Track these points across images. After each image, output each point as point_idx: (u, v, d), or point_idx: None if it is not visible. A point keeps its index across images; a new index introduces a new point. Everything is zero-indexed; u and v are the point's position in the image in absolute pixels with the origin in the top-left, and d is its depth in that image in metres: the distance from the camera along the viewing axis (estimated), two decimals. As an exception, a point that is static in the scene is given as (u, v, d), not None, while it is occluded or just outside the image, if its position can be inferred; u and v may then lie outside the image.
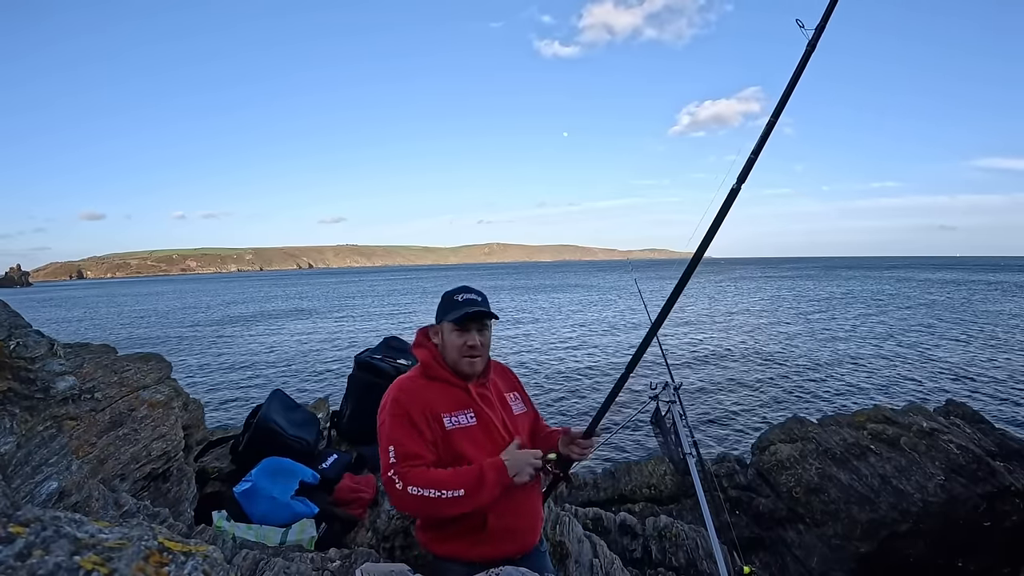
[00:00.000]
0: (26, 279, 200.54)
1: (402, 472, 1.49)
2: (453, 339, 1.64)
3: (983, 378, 12.76)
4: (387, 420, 1.57)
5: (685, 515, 4.26)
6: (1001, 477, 3.80)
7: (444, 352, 1.67)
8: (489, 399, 1.69)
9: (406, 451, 1.52)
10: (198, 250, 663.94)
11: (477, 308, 1.62)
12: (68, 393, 1.84)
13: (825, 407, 10.51)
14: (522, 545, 1.68)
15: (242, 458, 3.00)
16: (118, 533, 0.73)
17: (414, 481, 1.47)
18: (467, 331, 1.63)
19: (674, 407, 2.35)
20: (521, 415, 1.79)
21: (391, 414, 1.57)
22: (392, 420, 1.56)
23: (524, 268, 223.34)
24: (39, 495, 1.59)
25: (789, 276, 76.81)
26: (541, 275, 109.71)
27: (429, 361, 1.68)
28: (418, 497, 1.46)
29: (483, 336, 1.66)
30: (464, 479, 1.50)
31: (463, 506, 1.49)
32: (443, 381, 1.65)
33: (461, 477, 1.50)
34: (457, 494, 1.47)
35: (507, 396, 1.78)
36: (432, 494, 1.46)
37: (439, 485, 1.47)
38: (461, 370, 1.65)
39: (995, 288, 44.27)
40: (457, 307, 1.63)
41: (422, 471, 1.50)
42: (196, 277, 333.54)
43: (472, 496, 1.48)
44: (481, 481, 1.50)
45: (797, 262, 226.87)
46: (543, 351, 17.65)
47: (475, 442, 1.60)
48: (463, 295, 1.66)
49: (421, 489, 1.46)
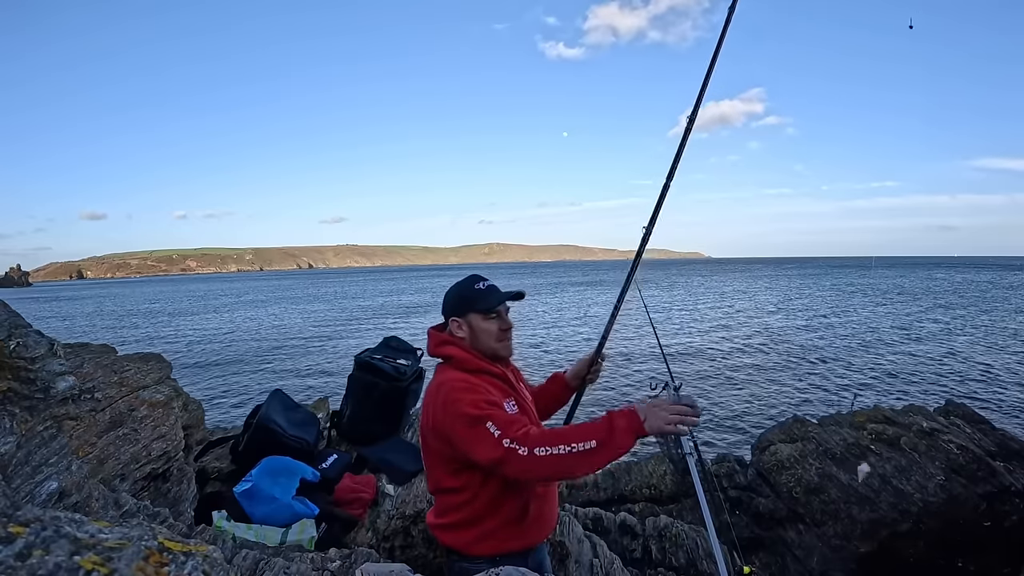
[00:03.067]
0: (26, 279, 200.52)
1: (519, 436, 1.36)
2: (488, 326, 1.62)
3: (983, 378, 12.76)
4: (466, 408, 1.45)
5: (685, 515, 4.26)
6: (1001, 477, 3.80)
7: (475, 342, 1.63)
8: (520, 387, 1.72)
9: (506, 419, 1.42)
10: (198, 250, 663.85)
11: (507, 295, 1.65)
12: (68, 393, 1.84)
13: (825, 407, 10.51)
14: (549, 529, 1.70)
15: (242, 458, 3.00)
16: (118, 533, 0.73)
17: (539, 442, 1.34)
18: (499, 316, 1.64)
19: (674, 407, 2.35)
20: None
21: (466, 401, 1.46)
22: (472, 406, 1.45)
23: (523, 268, 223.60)
24: (39, 495, 1.59)
25: (789, 276, 76.84)
26: (541, 275, 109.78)
27: (465, 355, 1.61)
28: (550, 457, 1.33)
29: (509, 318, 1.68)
30: (592, 430, 1.36)
31: (598, 459, 1.34)
32: (485, 373, 1.61)
33: (588, 428, 1.37)
34: (590, 446, 1.33)
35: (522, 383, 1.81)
36: (564, 450, 1.32)
37: (568, 440, 1.34)
38: (500, 355, 1.65)
39: (995, 288, 44.26)
40: (483, 295, 1.63)
41: (541, 431, 1.39)
42: (196, 277, 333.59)
43: (606, 446, 1.33)
44: (611, 429, 1.35)
45: (797, 262, 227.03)
46: (541, 346, 17.67)
47: None
48: (482, 283, 1.66)
49: (550, 448, 1.33)
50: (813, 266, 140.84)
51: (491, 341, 1.62)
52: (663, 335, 15.39)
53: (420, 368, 3.56)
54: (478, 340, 1.63)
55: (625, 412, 1.39)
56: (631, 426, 1.36)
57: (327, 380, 14.21)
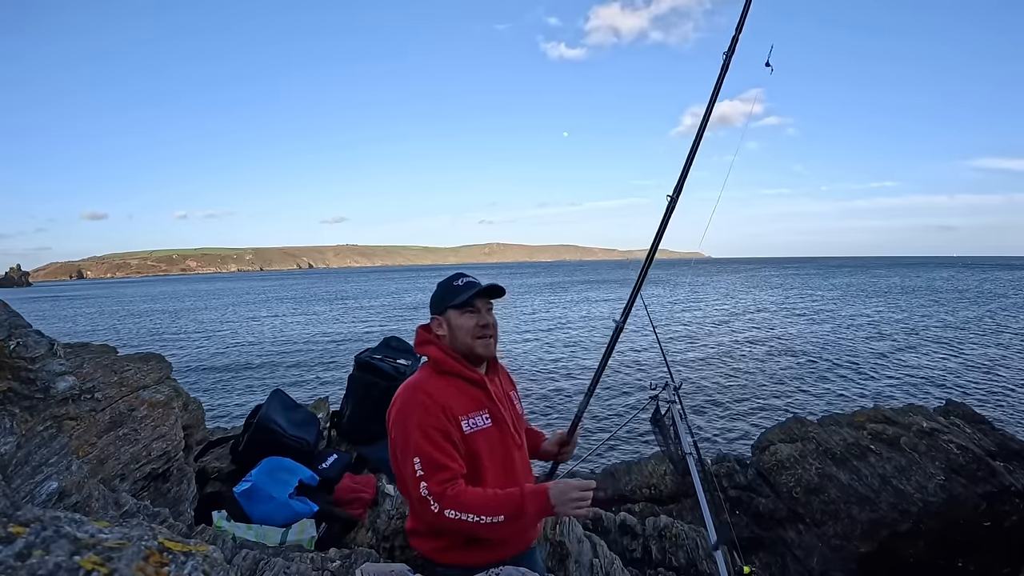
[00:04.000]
0: (26, 279, 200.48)
1: (437, 493, 1.42)
2: (463, 322, 1.57)
3: (983, 378, 12.77)
4: (406, 428, 1.48)
5: (685, 515, 4.26)
6: (1001, 477, 3.80)
7: (454, 341, 1.59)
8: (500, 397, 1.66)
9: (435, 463, 1.44)
10: (198, 250, 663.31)
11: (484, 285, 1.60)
12: (68, 393, 1.84)
13: (825, 407, 10.51)
14: (527, 543, 1.68)
15: (242, 458, 3.00)
16: (118, 533, 0.72)
17: (451, 504, 1.40)
18: (476, 311, 1.59)
19: (674, 407, 2.35)
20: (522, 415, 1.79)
21: (412, 422, 1.47)
22: (413, 429, 1.46)
23: (524, 268, 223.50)
24: (39, 495, 1.59)
25: (789, 276, 76.83)
26: (540, 275, 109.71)
27: (440, 356, 1.58)
28: (455, 521, 1.40)
29: (491, 315, 1.63)
30: (504, 504, 1.43)
31: (501, 532, 1.44)
32: (457, 375, 1.58)
33: (501, 502, 1.43)
34: (497, 520, 1.41)
35: (510, 394, 1.77)
36: (471, 519, 1.40)
37: (478, 510, 1.41)
38: (477, 354, 1.59)
39: (995, 288, 44.27)
40: (460, 290, 1.59)
41: (458, 492, 1.43)
42: (196, 277, 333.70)
43: (511, 522, 1.42)
44: (521, 509, 1.43)
45: (796, 262, 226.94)
46: (533, 349, 17.67)
47: (491, 444, 1.57)
48: (461, 279, 1.62)
49: (459, 513, 1.40)
50: (812, 266, 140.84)
51: (467, 338, 1.57)
52: (663, 335, 15.44)
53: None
54: (456, 338, 1.59)
55: (538, 495, 1.45)
56: (540, 509, 1.45)
57: (327, 380, 14.21)
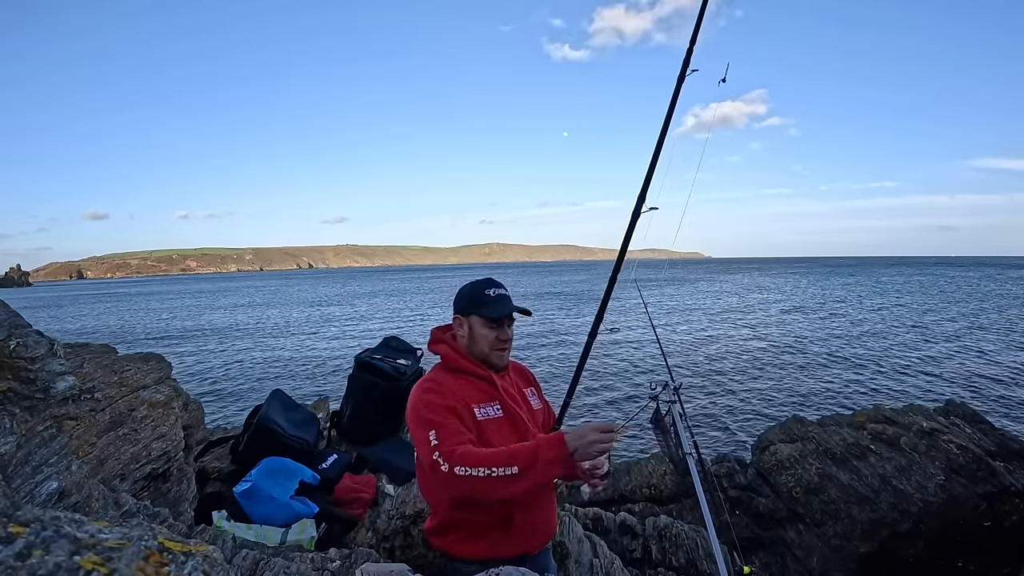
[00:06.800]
0: (26, 279, 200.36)
1: (446, 452, 1.38)
2: (485, 332, 1.63)
3: (983, 378, 12.76)
4: (422, 410, 1.50)
5: (685, 515, 4.26)
6: (1001, 477, 3.80)
7: (471, 345, 1.65)
8: (511, 392, 1.70)
9: (448, 431, 1.44)
10: (198, 250, 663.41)
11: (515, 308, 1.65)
12: (68, 393, 1.84)
13: (825, 407, 10.51)
14: (543, 539, 1.68)
15: (242, 458, 3.00)
16: (118, 533, 0.72)
17: (461, 461, 1.35)
18: (500, 326, 1.64)
19: (674, 407, 2.36)
20: (538, 410, 1.80)
21: (426, 404, 1.51)
22: (428, 408, 1.50)
23: (524, 268, 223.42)
24: (39, 495, 1.59)
25: (788, 276, 76.83)
26: (539, 275, 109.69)
27: (451, 355, 1.66)
28: (466, 478, 1.34)
29: (511, 330, 1.69)
30: (517, 455, 1.35)
31: (516, 486, 1.33)
32: (467, 374, 1.63)
33: (513, 452, 1.36)
34: (510, 471, 1.32)
35: (525, 391, 1.79)
36: (482, 473, 1.33)
37: (489, 463, 1.34)
38: (492, 363, 1.66)
39: (995, 287, 44.27)
40: (490, 302, 1.63)
41: (468, 450, 1.39)
42: (196, 277, 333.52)
43: (527, 473, 1.32)
44: (535, 455, 1.34)
45: (796, 262, 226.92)
46: (540, 348, 17.67)
47: (503, 434, 1.59)
48: (494, 290, 1.66)
49: (469, 468, 1.34)
50: (812, 266, 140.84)
51: (485, 347, 1.64)
52: (663, 335, 15.36)
53: (420, 368, 3.56)
54: (474, 343, 1.65)
55: (554, 442, 1.36)
56: (558, 456, 1.34)
57: (327, 380, 14.20)
